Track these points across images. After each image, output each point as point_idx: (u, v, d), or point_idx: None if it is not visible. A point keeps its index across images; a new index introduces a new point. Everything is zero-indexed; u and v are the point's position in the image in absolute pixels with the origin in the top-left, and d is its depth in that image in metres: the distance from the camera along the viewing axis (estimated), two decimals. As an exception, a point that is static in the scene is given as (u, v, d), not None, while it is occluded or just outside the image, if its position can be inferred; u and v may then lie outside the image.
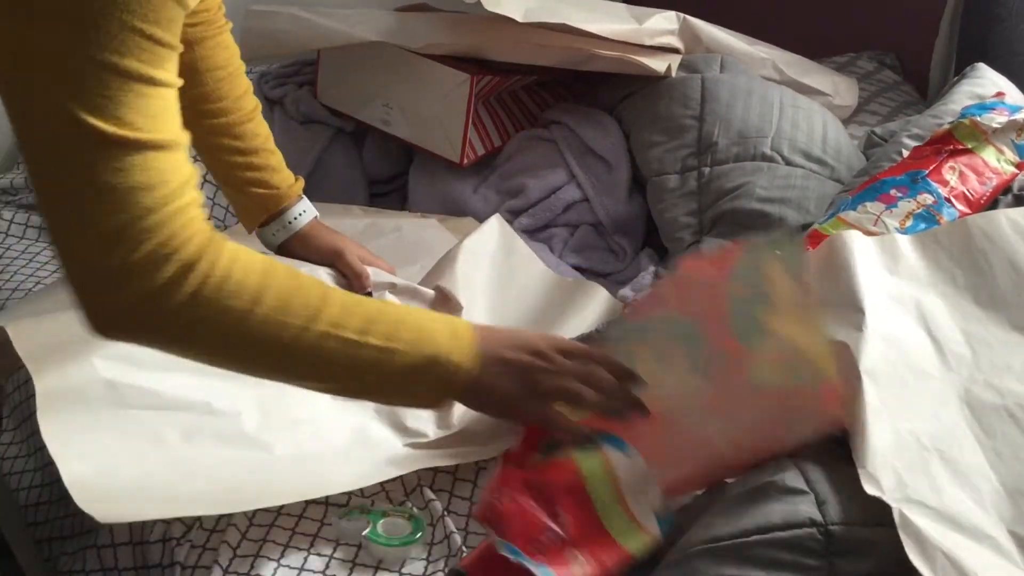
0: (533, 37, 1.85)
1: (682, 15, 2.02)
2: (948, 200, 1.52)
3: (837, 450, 1.20)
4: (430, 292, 1.56)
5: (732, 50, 2.07)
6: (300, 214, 1.57)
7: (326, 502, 1.30)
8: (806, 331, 1.20)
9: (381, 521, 1.25)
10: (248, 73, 2.23)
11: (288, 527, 1.27)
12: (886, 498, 1.06)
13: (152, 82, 0.93)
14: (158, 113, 0.94)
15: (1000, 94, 1.79)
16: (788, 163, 1.83)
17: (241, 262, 1.01)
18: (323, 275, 1.56)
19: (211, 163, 1.52)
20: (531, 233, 1.87)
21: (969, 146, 1.59)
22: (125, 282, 0.95)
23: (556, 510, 1.13)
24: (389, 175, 2.05)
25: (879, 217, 1.49)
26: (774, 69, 2.10)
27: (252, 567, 1.22)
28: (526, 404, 1.16)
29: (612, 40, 1.88)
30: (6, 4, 0.89)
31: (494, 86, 1.92)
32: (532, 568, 1.07)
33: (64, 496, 1.43)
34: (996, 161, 1.59)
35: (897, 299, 1.30)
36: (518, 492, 1.13)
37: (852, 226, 1.49)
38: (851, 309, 1.26)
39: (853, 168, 1.85)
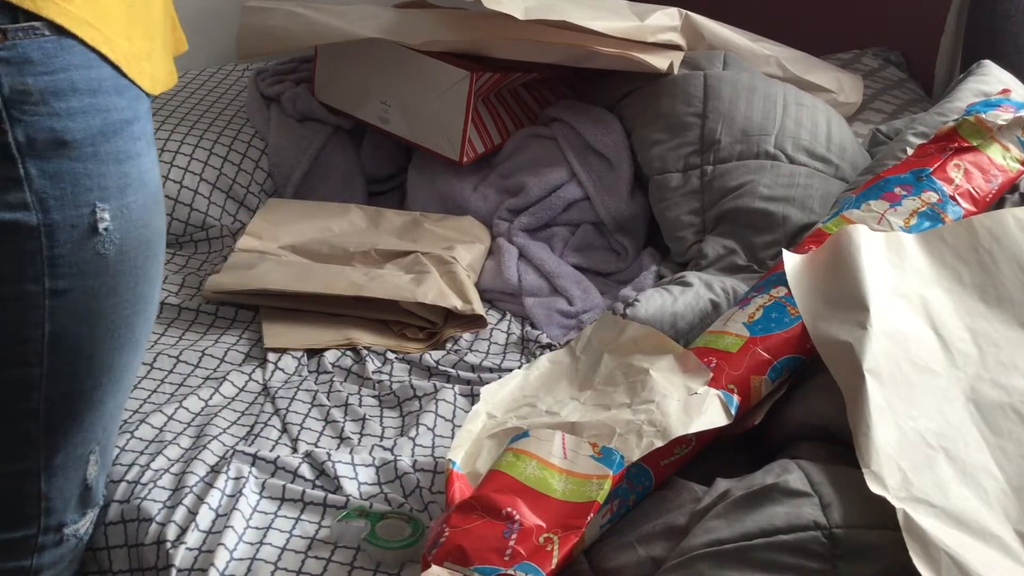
0: (533, 34, 1.84)
1: (684, 11, 2.01)
2: (953, 198, 1.51)
3: (841, 451, 1.19)
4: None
5: (735, 47, 2.06)
6: None
7: (324, 503, 1.30)
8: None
9: (379, 523, 1.24)
10: (245, 70, 2.24)
11: (285, 529, 1.27)
12: (890, 497, 1.06)
13: None
14: None
15: (1006, 91, 1.78)
16: (792, 161, 1.82)
17: None
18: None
19: None
20: (532, 232, 1.86)
21: (974, 143, 1.58)
22: None
23: (504, 511, 1.12)
24: (387, 173, 2.04)
25: (883, 215, 1.48)
26: (777, 66, 2.09)
27: (249, 570, 1.21)
28: None
29: (613, 37, 1.87)
30: None
31: (494, 83, 1.91)
32: (513, 572, 1.06)
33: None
34: (1002, 159, 1.58)
35: (903, 296, 1.29)
36: (461, 521, 1.13)
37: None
38: (856, 307, 1.26)
39: (857, 166, 1.84)
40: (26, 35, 0.96)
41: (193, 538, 1.24)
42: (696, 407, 1.23)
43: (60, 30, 0.98)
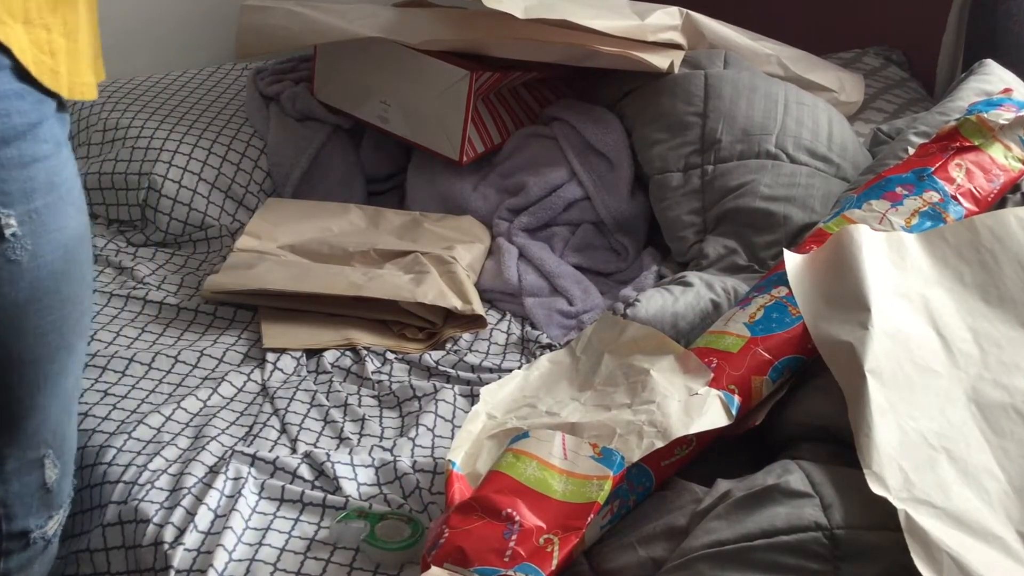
0: (534, 33, 1.83)
1: (685, 10, 2.00)
2: (955, 198, 1.50)
3: (842, 452, 1.19)
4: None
5: (736, 46, 2.05)
6: None
7: (323, 504, 1.29)
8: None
9: (379, 524, 1.24)
10: (244, 69, 2.24)
11: (284, 530, 1.26)
12: (892, 498, 1.05)
13: None
14: None
15: (1008, 90, 1.78)
16: (793, 161, 1.81)
17: None
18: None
19: None
20: (532, 232, 1.85)
21: (976, 143, 1.57)
22: None
23: (504, 512, 1.12)
24: (387, 173, 2.04)
25: (884, 215, 1.48)
26: (779, 65, 2.09)
27: (248, 571, 1.21)
28: None
29: (614, 36, 1.86)
30: None
31: (494, 82, 1.90)
32: (513, 573, 1.06)
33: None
34: (1003, 158, 1.57)
35: (904, 296, 1.29)
36: (461, 522, 1.12)
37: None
38: (857, 306, 1.25)
39: (859, 166, 1.84)
40: None
41: (192, 539, 1.24)
42: (697, 408, 1.22)
43: None
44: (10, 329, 1.05)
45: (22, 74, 1.01)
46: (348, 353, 1.60)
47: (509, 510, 1.12)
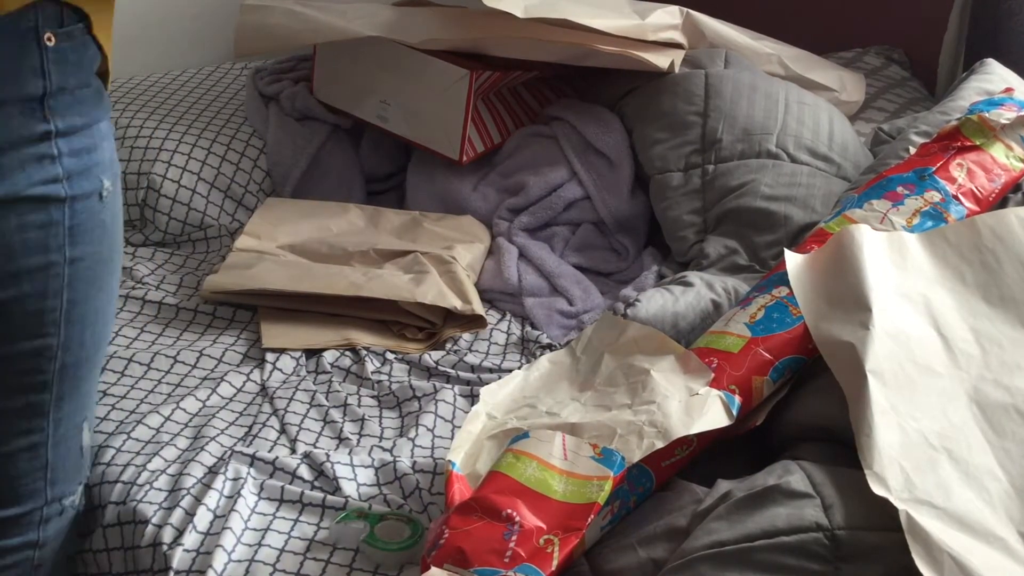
0: (534, 33, 1.83)
1: (685, 10, 2.00)
2: (956, 197, 1.50)
3: (843, 452, 1.19)
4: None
5: (737, 45, 2.05)
6: None
7: (322, 504, 1.29)
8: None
9: (378, 524, 1.23)
10: (243, 68, 2.24)
11: (283, 531, 1.26)
12: (893, 498, 1.05)
13: None
14: None
15: (1009, 90, 1.77)
16: (794, 160, 1.81)
17: None
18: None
19: None
20: (532, 232, 1.85)
21: (977, 143, 1.57)
22: None
23: (504, 512, 1.12)
24: (387, 173, 2.04)
25: (885, 215, 1.47)
26: (779, 65, 2.08)
27: (247, 572, 1.20)
28: None
29: (614, 35, 1.86)
30: None
31: (494, 82, 1.90)
32: (513, 574, 1.06)
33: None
34: (1005, 158, 1.57)
35: (906, 296, 1.29)
36: (461, 523, 1.12)
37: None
38: (858, 307, 1.25)
39: (860, 165, 1.84)
40: (68, 39, 1.08)
41: (191, 540, 1.23)
42: (697, 408, 1.22)
43: (85, 30, 1.10)
44: (94, 285, 1.16)
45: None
46: (348, 353, 1.59)
47: (509, 511, 1.12)
